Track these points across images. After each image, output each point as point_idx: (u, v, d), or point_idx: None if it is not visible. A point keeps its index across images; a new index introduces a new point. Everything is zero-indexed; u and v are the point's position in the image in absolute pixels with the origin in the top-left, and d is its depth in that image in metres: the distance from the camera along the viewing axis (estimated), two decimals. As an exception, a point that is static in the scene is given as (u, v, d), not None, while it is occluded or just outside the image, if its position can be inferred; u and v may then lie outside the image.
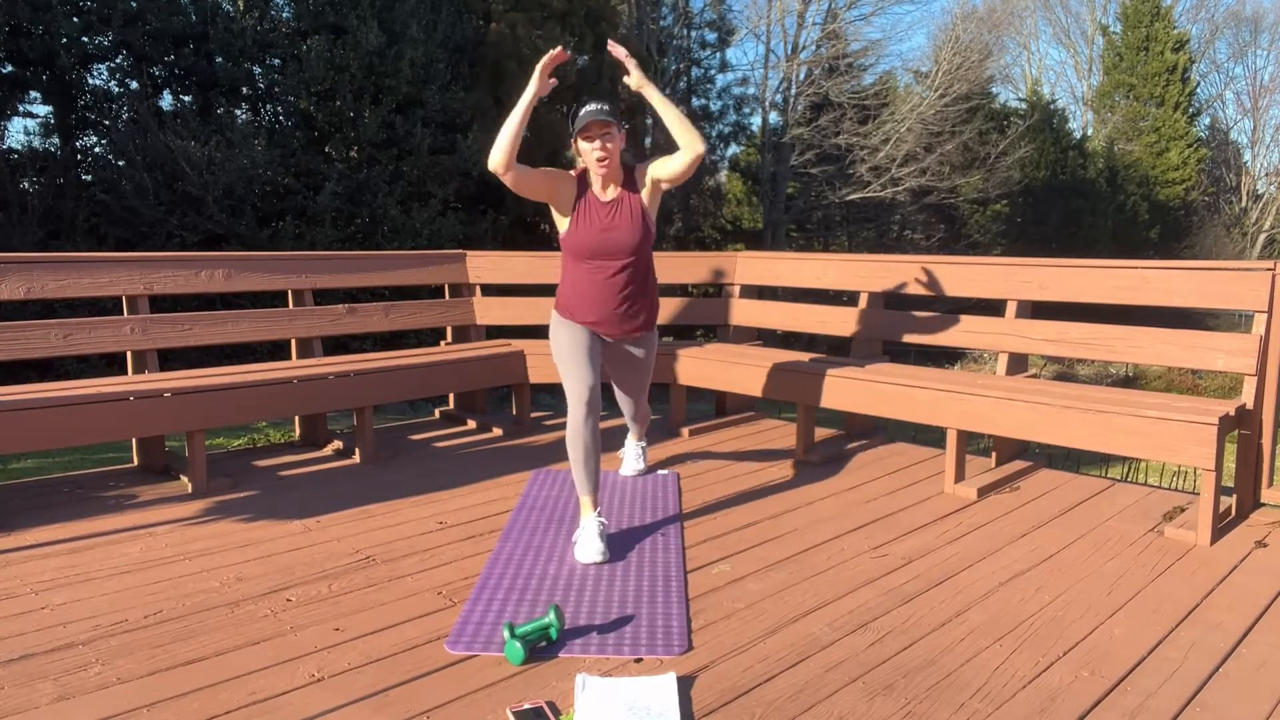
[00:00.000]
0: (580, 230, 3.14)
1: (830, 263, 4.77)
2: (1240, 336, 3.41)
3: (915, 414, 3.79)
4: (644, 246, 3.18)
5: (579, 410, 3.04)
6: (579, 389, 3.06)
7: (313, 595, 2.67)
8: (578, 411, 3.04)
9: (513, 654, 2.26)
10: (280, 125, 11.22)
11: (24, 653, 2.29)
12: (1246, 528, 3.31)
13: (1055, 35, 45.54)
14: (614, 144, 3.06)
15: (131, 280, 3.98)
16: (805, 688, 2.16)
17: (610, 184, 3.15)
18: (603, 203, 3.14)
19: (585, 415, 3.03)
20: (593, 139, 3.04)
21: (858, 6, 21.47)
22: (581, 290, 3.19)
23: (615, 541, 3.10)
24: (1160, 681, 2.19)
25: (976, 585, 2.76)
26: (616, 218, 3.13)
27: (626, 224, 3.13)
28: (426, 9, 11.58)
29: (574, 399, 3.06)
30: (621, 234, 3.12)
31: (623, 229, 3.12)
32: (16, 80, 9.91)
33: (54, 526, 3.25)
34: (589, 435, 3.03)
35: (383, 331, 5.27)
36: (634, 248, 3.14)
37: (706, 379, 4.59)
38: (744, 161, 22.42)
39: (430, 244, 11.06)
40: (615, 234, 3.12)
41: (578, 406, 3.04)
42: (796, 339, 7.32)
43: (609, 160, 3.07)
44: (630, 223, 3.13)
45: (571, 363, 3.12)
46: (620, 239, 3.12)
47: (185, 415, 3.63)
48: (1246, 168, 36.15)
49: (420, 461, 4.19)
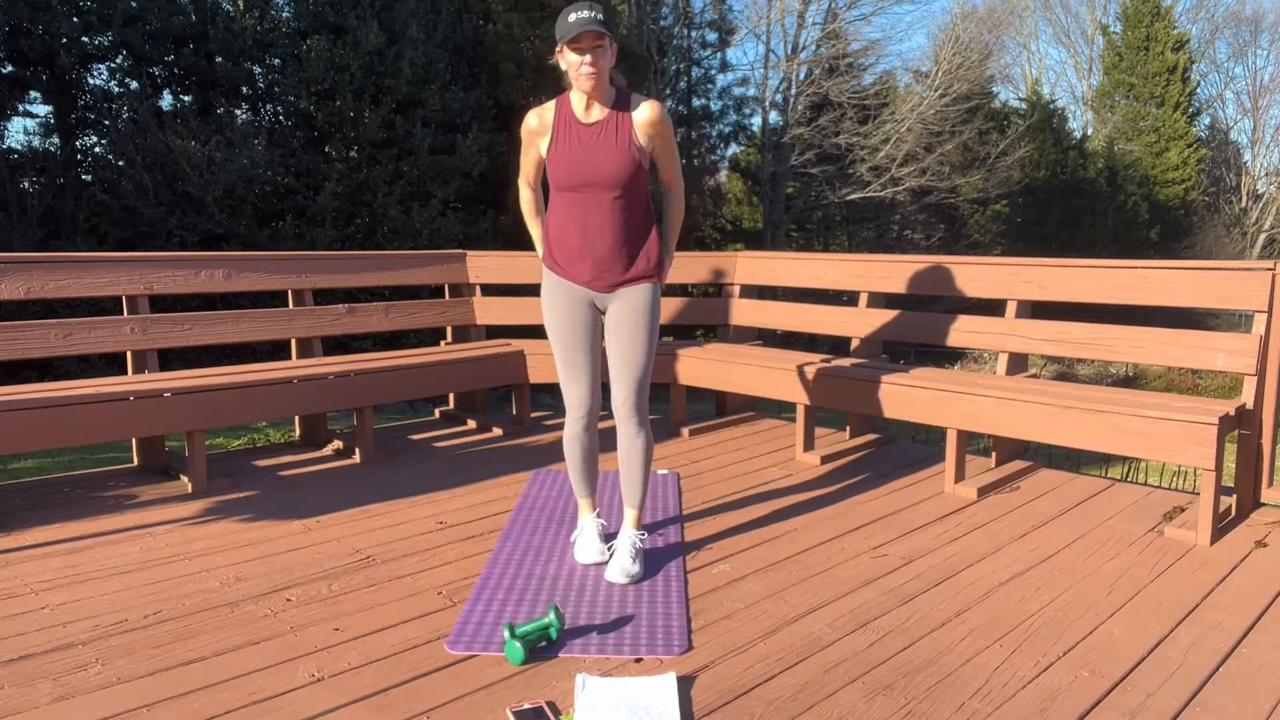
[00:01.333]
0: (558, 152, 2.76)
1: (830, 263, 4.77)
2: (1240, 336, 3.41)
3: (915, 414, 3.79)
4: (635, 180, 2.77)
5: (577, 419, 2.94)
6: (578, 395, 2.91)
7: (313, 595, 2.67)
8: (576, 420, 2.95)
9: (513, 654, 2.26)
10: (280, 125, 11.23)
11: (24, 653, 2.29)
12: (1246, 528, 3.31)
13: (1055, 35, 45.63)
14: (605, 59, 2.68)
15: (131, 280, 3.98)
16: (805, 688, 2.16)
17: (595, 104, 2.77)
18: (585, 124, 2.77)
19: (584, 424, 2.95)
20: (583, 50, 2.64)
21: (858, 6, 21.51)
22: (567, 229, 2.81)
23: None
24: (1160, 681, 2.19)
25: (976, 585, 2.76)
26: (600, 140, 2.75)
27: (611, 147, 2.74)
28: (426, 9, 11.58)
29: (572, 406, 2.94)
30: (606, 158, 2.74)
31: (607, 153, 2.74)
32: (16, 80, 9.91)
33: (54, 526, 3.25)
34: (587, 441, 2.97)
35: (383, 331, 5.28)
36: (621, 178, 2.74)
37: (706, 379, 4.59)
38: (744, 161, 22.44)
39: (430, 244, 11.06)
40: (599, 158, 2.74)
41: (576, 414, 2.94)
42: (796, 339, 7.32)
43: (598, 75, 2.68)
44: (616, 147, 2.74)
45: (569, 361, 2.90)
46: (605, 164, 2.73)
47: (185, 415, 3.62)
48: (1246, 168, 36.17)
49: (420, 461, 4.20)
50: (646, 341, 2.86)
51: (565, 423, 2.99)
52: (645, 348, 2.86)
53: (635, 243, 2.83)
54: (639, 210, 2.82)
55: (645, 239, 2.85)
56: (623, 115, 2.76)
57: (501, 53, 12.41)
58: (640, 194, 2.82)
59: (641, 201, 2.83)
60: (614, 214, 2.77)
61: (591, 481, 3.03)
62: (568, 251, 2.83)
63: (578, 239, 2.80)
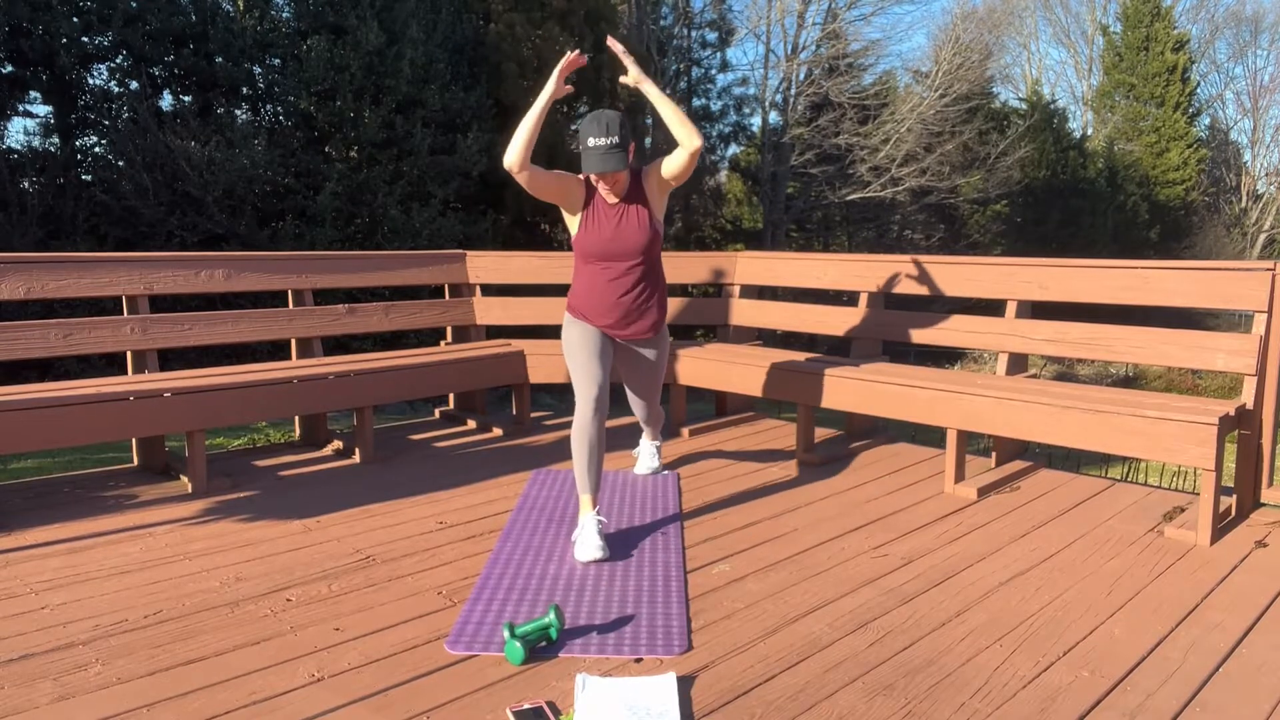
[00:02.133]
0: (589, 233, 3.21)
1: (830, 263, 4.77)
2: (1240, 336, 3.41)
3: (915, 414, 3.79)
4: (651, 248, 3.24)
5: (586, 409, 3.07)
6: (588, 387, 3.11)
7: (313, 595, 2.67)
8: (585, 410, 3.07)
9: (513, 654, 2.26)
10: (280, 125, 11.23)
11: (24, 653, 2.29)
12: (1246, 528, 3.31)
13: (1055, 35, 45.62)
14: (623, 178, 3.14)
15: (131, 280, 3.98)
16: (805, 688, 2.16)
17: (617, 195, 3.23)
18: (610, 206, 3.20)
19: (593, 414, 3.07)
20: (603, 178, 3.11)
21: (858, 6, 21.48)
22: (590, 290, 3.25)
23: (615, 541, 3.10)
24: (1160, 681, 2.19)
25: (976, 585, 2.76)
26: (624, 221, 3.19)
27: (633, 226, 3.19)
28: (426, 9, 11.58)
29: (582, 397, 3.11)
30: (628, 236, 3.18)
31: (629, 231, 3.18)
32: (16, 80, 9.91)
33: (54, 526, 3.25)
34: (594, 434, 3.05)
35: (383, 331, 5.28)
36: (641, 250, 3.20)
37: (706, 379, 4.59)
38: (744, 161, 22.42)
39: (430, 244, 11.06)
40: (623, 237, 3.18)
41: (585, 405, 3.08)
42: (796, 339, 7.32)
43: (618, 191, 3.17)
44: (637, 225, 3.19)
45: (581, 361, 3.18)
46: (627, 241, 3.18)
47: (185, 415, 3.63)
48: (1246, 168, 36.16)
49: (420, 461, 4.20)
50: (661, 372, 3.51)
51: (575, 415, 3.10)
52: (660, 375, 3.52)
53: (650, 300, 3.30)
54: (653, 272, 3.30)
55: (656, 294, 3.33)
56: (638, 193, 3.21)
57: (502, 52, 12.42)
58: (654, 257, 3.29)
59: (655, 264, 3.31)
60: (630, 278, 3.23)
61: (595, 477, 3.06)
62: (591, 309, 3.26)
63: (600, 299, 3.24)
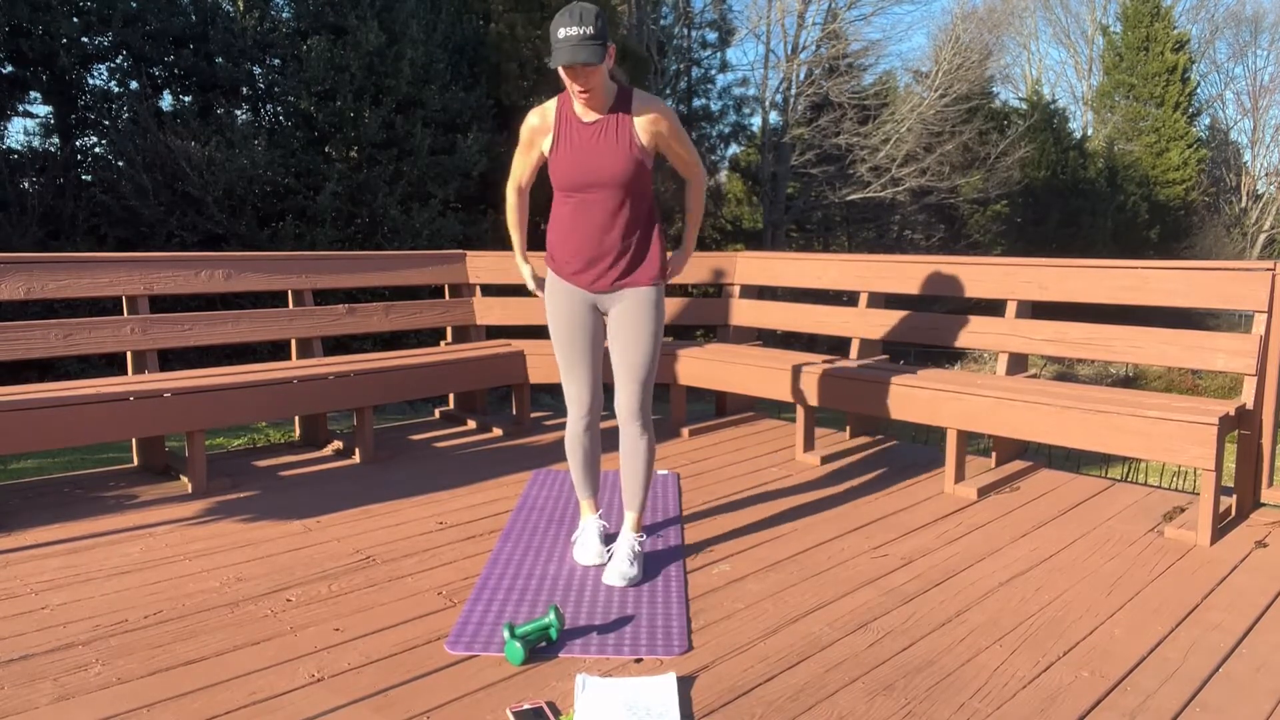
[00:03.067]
0: (559, 155, 2.73)
1: (830, 263, 4.77)
2: (1240, 336, 3.41)
3: (915, 414, 3.78)
4: (637, 180, 2.73)
5: (579, 419, 2.93)
6: (578, 395, 2.90)
7: (313, 595, 2.67)
8: (577, 420, 2.93)
9: (513, 654, 2.26)
10: (280, 125, 11.22)
11: (24, 653, 2.29)
12: (1246, 528, 3.31)
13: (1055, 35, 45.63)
14: (598, 78, 2.62)
15: (131, 280, 3.98)
16: (805, 688, 2.16)
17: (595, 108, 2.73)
18: (584, 124, 2.72)
19: (584, 425, 2.93)
20: (574, 77, 2.61)
21: (858, 6, 21.49)
22: (567, 229, 2.79)
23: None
24: (1160, 681, 2.19)
25: (976, 585, 2.76)
26: (600, 140, 2.70)
27: (611, 148, 2.69)
28: (426, 9, 11.58)
29: (573, 406, 2.93)
30: (606, 159, 2.69)
31: (606, 153, 2.69)
32: (16, 80, 9.90)
33: (54, 526, 3.25)
34: (587, 442, 2.96)
35: (383, 331, 5.28)
36: (622, 177, 2.69)
37: (706, 379, 4.59)
38: (744, 161, 22.42)
39: (430, 244, 11.06)
40: (599, 159, 2.69)
41: (577, 414, 2.93)
42: (796, 339, 7.32)
43: (591, 96, 2.66)
44: (616, 147, 2.69)
45: (571, 362, 2.88)
46: (605, 165, 2.69)
47: (185, 415, 3.62)
48: (1246, 168, 36.16)
49: (420, 461, 4.19)
50: (649, 344, 2.81)
51: (567, 422, 2.99)
52: (647, 350, 2.82)
53: (637, 243, 2.79)
54: (641, 211, 2.78)
55: (648, 240, 2.81)
56: (623, 115, 2.71)
57: (502, 52, 12.41)
58: (643, 194, 2.77)
59: (644, 202, 2.79)
60: (616, 214, 2.73)
61: (593, 482, 3.02)
62: (569, 253, 2.80)
63: (579, 240, 2.76)
